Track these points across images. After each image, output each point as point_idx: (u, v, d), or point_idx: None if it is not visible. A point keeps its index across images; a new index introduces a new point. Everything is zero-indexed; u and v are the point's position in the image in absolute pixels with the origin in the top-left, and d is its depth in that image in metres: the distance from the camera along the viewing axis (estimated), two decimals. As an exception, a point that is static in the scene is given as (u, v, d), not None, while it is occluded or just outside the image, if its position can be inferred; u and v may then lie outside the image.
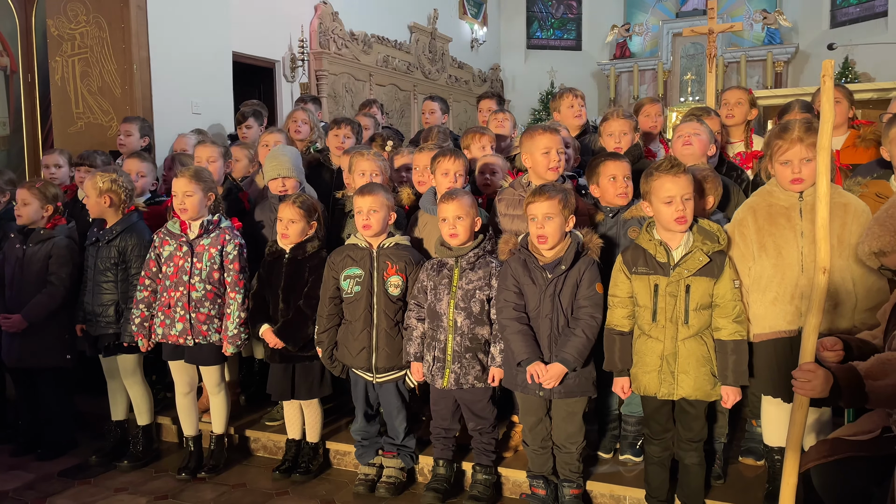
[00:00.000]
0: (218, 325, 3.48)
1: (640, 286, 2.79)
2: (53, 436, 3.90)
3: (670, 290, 2.72)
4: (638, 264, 2.79)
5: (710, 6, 8.36)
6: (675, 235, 2.75)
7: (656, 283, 2.74)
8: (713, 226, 2.79)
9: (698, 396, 2.76)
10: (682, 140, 3.42)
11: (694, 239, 2.74)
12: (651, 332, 2.78)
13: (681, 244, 2.74)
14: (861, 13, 12.06)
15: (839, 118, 3.87)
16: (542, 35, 14.86)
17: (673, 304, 2.72)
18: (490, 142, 4.02)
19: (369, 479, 3.37)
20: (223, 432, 3.69)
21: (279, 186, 3.74)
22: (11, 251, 3.87)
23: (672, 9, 13.80)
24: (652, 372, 2.78)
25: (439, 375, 3.10)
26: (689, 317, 2.71)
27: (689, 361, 2.73)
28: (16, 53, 6.71)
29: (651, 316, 2.76)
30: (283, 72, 8.46)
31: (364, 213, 3.21)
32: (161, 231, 3.56)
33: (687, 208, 2.70)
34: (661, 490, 2.95)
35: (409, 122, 10.83)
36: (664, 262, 2.73)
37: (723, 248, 2.74)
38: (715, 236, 2.74)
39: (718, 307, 2.72)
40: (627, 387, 2.88)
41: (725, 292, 2.70)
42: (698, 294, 2.70)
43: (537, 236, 2.89)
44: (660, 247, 2.75)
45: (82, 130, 6.04)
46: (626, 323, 2.84)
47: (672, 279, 2.72)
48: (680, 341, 2.73)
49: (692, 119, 3.59)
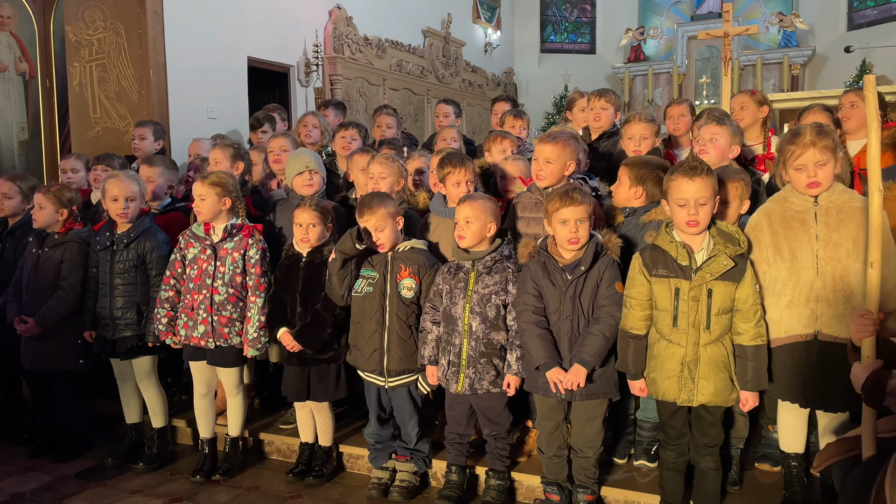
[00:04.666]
0: (239, 328, 3.50)
1: (660, 289, 2.74)
2: (69, 438, 3.93)
3: (693, 295, 2.67)
4: (658, 266, 2.73)
5: (725, 9, 8.31)
6: (695, 238, 2.71)
7: (677, 287, 2.69)
8: (732, 228, 2.74)
9: (717, 402, 2.73)
10: (698, 147, 3.40)
11: (715, 242, 2.69)
12: (672, 336, 2.73)
13: (703, 247, 2.70)
14: (878, 15, 11.95)
15: (858, 122, 3.84)
16: (555, 39, 14.85)
17: (695, 308, 2.67)
18: (511, 146, 4.01)
19: (382, 483, 3.37)
20: (238, 435, 3.70)
21: (306, 180, 3.74)
22: (29, 255, 3.91)
23: (687, 12, 13.74)
24: (672, 377, 2.74)
25: (454, 380, 3.09)
26: (711, 322, 2.67)
27: (710, 367, 2.69)
28: (34, 59, 6.81)
29: (672, 320, 2.71)
30: (298, 76, 8.51)
31: (372, 232, 3.20)
32: (186, 233, 3.59)
33: (700, 213, 2.65)
34: (675, 496, 2.92)
35: (422, 125, 10.85)
36: (686, 266, 2.68)
37: (744, 251, 2.70)
38: (736, 239, 2.70)
39: (740, 311, 2.68)
40: (644, 387, 2.85)
41: (747, 297, 2.67)
42: (720, 298, 2.66)
43: (569, 239, 2.85)
44: (682, 249, 2.69)
45: (99, 135, 6.11)
46: (642, 326, 2.80)
47: (695, 283, 2.67)
48: (702, 347, 2.69)
49: (711, 122, 3.52)
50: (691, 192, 2.65)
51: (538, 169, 3.23)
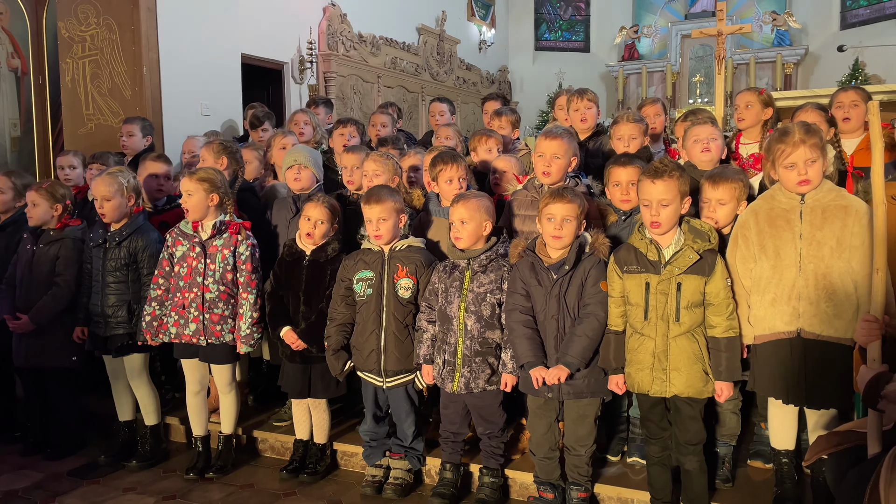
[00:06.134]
0: (231, 325, 3.49)
1: (632, 285, 2.81)
2: (62, 436, 3.92)
3: (661, 288, 2.74)
4: (629, 263, 2.81)
5: (719, 8, 8.34)
6: (664, 235, 2.77)
7: (647, 282, 2.77)
8: (705, 225, 2.83)
9: (690, 394, 2.77)
10: (700, 145, 3.42)
11: (685, 238, 2.76)
12: (643, 329, 2.80)
13: (671, 243, 2.77)
14: (871, 15, 12.00)
15: (857, 121, 3.86)
16: (550, 37, 14.85)
17: (664, 301, 2.74)
18: (497, 144, 4.05)
19: (376, 481, 3.37)
20: (232, 432, 3.70)
21: (294, 174, 3.74)
22: (23, 251, 3.89)
23: (681, 10, 13.76)
24: (645, 369, 2.80)
25: (449, 379, 3.10)
26: (681, 314, 2.73)
27: (681, 359, 2.74)
28: (27, 55, 6.76)
29: (643, 314, 2.78)
30: (292, 73, 8.49)
31: (374, 222, 3.20)
32: (174, 231, 3.57)
33: (662, 213, 2.72)
34: (664, 492, 2.94)
35: (416, 123, 10.84)
36: (655, 261, 2.76)
37: (713, 246, 2.77)
38: (705, 235, 2.78)
39: (712, 306, 2.74)
40: (622, 383, 2.89)
41: (718, 291, 2.73)
42: (689, 292, 2.72)
43: (553, 235, 2.89)
44: (651, 245, 2.78)
45: (92, 132, 6.08)
46: (619, 322, 2.87)
47: (663, 277, 2.74)
48: (671, 339, 2.74)
49: (706, 123, 3.56)
50: (654, 194, 2.74)
51: (545, 165, 3.23)
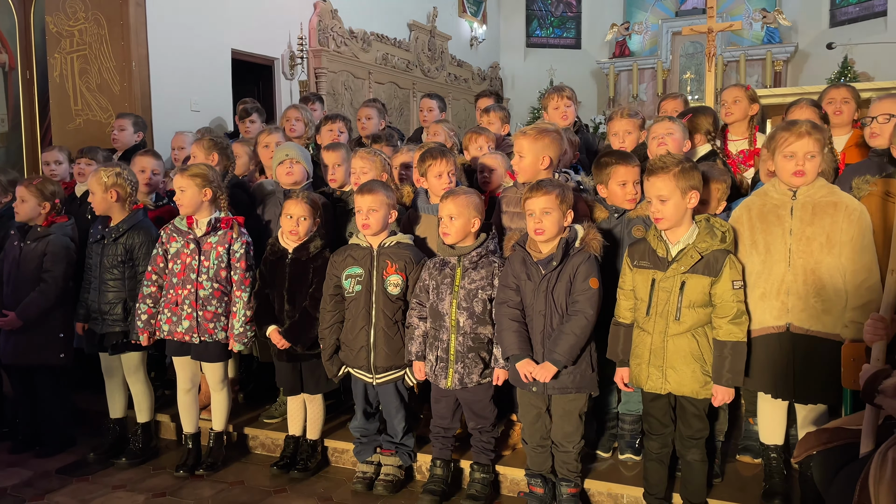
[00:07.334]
0: (224, 323, 3.48)
1: (640, 280, 2.82)
2: (51, 433, 3.90)
3: (665, 286, 2.74)
4: (641, 258, 2.82)
5: (709, 5, 8.33)
6: (675, 231, 2.76)
7: (654, 278, 2.77)
8: (724, 225, 2.77)
9: (686, 393, 2.77)
10: (656, 142, 3.45)
11: (697, 236, 2.73)
12: (644, 325, 2.81)
13: (681, 240, 2.74)
14: (860, 12, 12.05)
15: (847, 117, 3.88)
16: (541, 33, 14.83)
17: (666, 299, 2.74)
18: (487, 141, 4.05)
19: (367, 477, 3.37)
20: (223, 430, 3.69)
21: (286, 168, 3.73)
22: (11, 248, 3.87)
23: (671, 7, 13.78)
24: (643, 364, 2.82)
25: (443, 376, 3.10)
26: (682, 313, 2.71)
27: (677, 358, 2.74)
28: (14, 50, 6.70)
29: (646, 309, 2.79)
30: (283, 69, 8.45)
31: (363, 212, 3.21)
32: (168, 227, 3.55)
33: (662, 209, 2.71)
34: (659, 487, 2.96)
35: (408, 119, 10.81)
36: (663, 257, 2.76)
37: (724, 247, 2.72)
38: (716, 235, 2.73)
39: (717, 307, 2.72)
40: (627, 377, 2.91)
41: (724, 293, 2.69)
42: (693, 292, 2.70)
43: (535, 230, 2.89)
44: (659, 241, 2.78)
45: (81, 127, 6.04)
46: (628, 315, 2.89)
47: (668, 274, 2.74)
48: (669, 337, 2.74)
49: (663, 119, 3.59)
50: (652, 190, 2.75)
51: (515, 163, 3.26)
